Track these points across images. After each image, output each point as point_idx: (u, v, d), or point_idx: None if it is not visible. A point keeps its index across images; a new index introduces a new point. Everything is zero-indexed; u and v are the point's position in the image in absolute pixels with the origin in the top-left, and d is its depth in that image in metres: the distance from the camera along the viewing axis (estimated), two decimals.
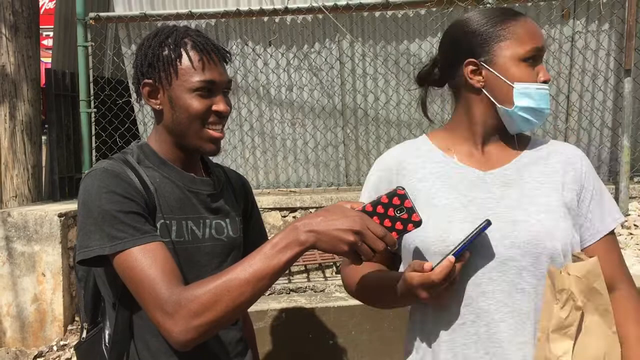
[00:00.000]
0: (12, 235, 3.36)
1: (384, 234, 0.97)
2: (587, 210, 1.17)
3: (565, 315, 1.05)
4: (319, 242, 0.97)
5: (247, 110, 4.52)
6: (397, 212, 1.01)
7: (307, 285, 2.90)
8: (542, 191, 1.14)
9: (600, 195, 1.19)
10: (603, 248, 1.17)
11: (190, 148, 1.23)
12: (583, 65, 4.31)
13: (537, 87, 1.16)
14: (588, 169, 1.19)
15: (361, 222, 0.97)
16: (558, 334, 1.05)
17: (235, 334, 1.31)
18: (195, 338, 1.01)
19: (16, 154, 4.14)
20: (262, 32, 4.39)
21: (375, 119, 4.46)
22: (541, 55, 1.19)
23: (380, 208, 1.01)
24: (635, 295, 1.17)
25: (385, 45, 4.36)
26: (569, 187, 1.16)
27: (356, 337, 2.51)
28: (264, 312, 2.50)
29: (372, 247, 0.96)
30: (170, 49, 1.18)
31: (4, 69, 4.12)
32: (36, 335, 3.35)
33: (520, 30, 1.17)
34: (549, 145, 1.23)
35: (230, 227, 1.31)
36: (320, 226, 0.97)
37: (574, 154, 1.20)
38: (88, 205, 1.09)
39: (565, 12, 4.23)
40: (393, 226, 1.01)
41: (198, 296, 0.99)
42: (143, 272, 1.04)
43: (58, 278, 3.32)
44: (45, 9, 9.90)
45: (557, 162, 1.18)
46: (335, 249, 0.97)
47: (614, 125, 4.37)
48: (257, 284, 0.98)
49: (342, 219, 0.97)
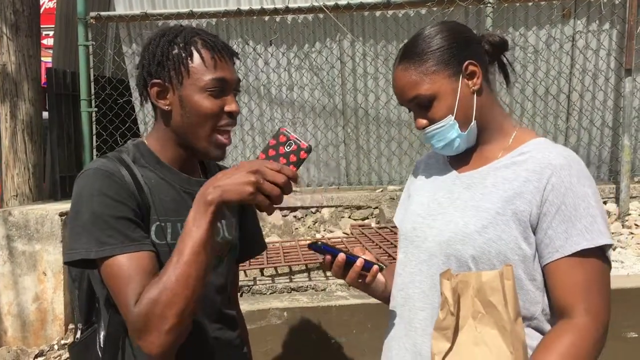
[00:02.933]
0: (13, 234, 3.36)
1: (280, 167, 0.99)
2: (547, 226, 1.08)
3: (443, 317, 1.07)
4: (224, 194, 0.98)
5: (247, 109, 4.52)
6: (287, 148, 1.05)
7: (308, 284, 2.90)
8: (491, 196, 1.14)
9: (573, 212, 1.07)
10: (562, 269, 1.07)
11: (196, 151, 1.21)
12: (584, 65, 4.31)
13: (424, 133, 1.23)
14: (559, 181, 1.09)
15: (258, 163, 0.99)
16: (438, 333, 1.08)
17: (231, 333, 1.31)
18: (174, 339, 1.00)
19: (17, 153, 4.14)
20: (263, 31, 4.40)
21: (376, 118, 4.47)
22: (413, 103, 1.21)
23: (272, 151, 1.06)
24: (583, 329, 1.05)
25: (386, 44, 4.36)
26: (525, 197, 1.10)
27: (358, 336, 2.51)
28: (265, 310, 2.50)
29: (274, 180, 0.98)
30: (181, 48, 1.16)
31: (5, 68, 4.12)
32: (37, 334, 3.35)
33: None
34: (535, 150, 1.16)
35: (226, 228, 1.29)
36: (221, 181, 1.00)
37: (549, 164, 1.11)
38: (79, 206, 1.08)
39: (566, 11, 4.23)
40: (288, 161, 1.05)
41: (156, 299, 0.98)
42: (121, 285, 1.03)
43: (59, 277, 3.32)
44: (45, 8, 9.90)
45: (525, 170, 1.13)
46: (241, 194, 0.97)
47: (615, 125, 4.37)
48: (196, 259, 0.99)
49: (239, 168, 1.00)
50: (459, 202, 1.19)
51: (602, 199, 4.08)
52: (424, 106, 1.18)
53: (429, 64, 1.16)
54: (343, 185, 4.58)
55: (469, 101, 1.18)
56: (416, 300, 1.20)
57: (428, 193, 1.29)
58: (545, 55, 4.32)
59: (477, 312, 1.05)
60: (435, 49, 1.17)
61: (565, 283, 1.07)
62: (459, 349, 1.06)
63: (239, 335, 1.35)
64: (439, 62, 1.16)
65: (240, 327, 1.40)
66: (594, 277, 1.07)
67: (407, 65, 1.18)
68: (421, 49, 1.18)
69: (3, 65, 4.12)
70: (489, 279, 1.03)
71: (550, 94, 4.36)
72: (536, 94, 4.38)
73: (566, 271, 1.07)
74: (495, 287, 1.03)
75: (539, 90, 4.38)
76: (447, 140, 1.19)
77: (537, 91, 4.38)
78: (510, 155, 1.18)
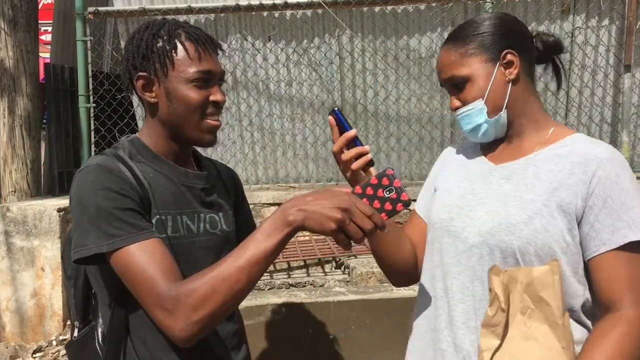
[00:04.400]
0: (11, 230, 3.36)
1: (371, 213, 0.97)
2: (594, 219, 1.08)
3: (492, 313, 1.07)
4: (307, 220, 0.96)
5: (246, 105, 4.51)
6: (386, 193, 1.02)
7: (306, 280, 2.91)
8: (534, 188, 1.13)
9: (619, 205, 1.07)
10: (609, 262, 1.07)
11: (188, 140, 1.22)
12: (583, 61, 4.31)
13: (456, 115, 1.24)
14: (605, 174, 1.09)
15: (349, 200, 0.97)
16: (487, 329, 1.08)
17: (231, 327, 1.31)
18: (197, 332, 1.01)
19: (15, 148, 4.13)
20: (261, 27, 4.38)
21: (375, 114, 4.46)
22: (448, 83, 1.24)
23: (370, 190, 1.03)
24: (634, 321, 1.05)
25: (384, 40, 4.35)
26: (571, 188, 1.10)
27: (356, 332, 2.51)
28: (263, 306, 2.51)
29: (360, 225, 0.95)
30: (165, 41, 1.17)
31: (3, 63, 4.11)
32: (35, 330, 3.36)
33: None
34: (578, 143, 1.17)
35: (224, 220, 1.30)
36: (308, 205, 0.97)
37: (594, 157, 1.11)
38: (83, 202, 1.08)
39: (565, 7, 4.22)
40: (382, 207, 1.02)
41: (195, 289, 0.99)
42: (141, 270, 1.03)
43: (57, 273, 3.32)
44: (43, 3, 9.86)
45: (569, 162, 1.13)
46: (323, 227, 0.96)
47: (613, 121, 4.37)
48: (251, 269, 0.98)
49: (331, 198, 0.97)
50: (498, 193, 1.18)
51: None
52: (459, 87, 1.21)
53: (469, 47, 1.20)
54: (342, 181, 4.58)
55: (502, 89, 1.20)
56: (455, 292, 1.18)
57: (463, 183, 1.27)
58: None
59: (526, 307, 1.05)
60: (478, 34, 1.21)
61: (612, 276, 1.07)
62: (508, 345, 1.06)
63: (237, 329, 1.35)
64: (479, 46, 1.20)
65: (238, 322, 1.41)
66: (635, 269, 1.07)
67: (450, 47, 1.22)
68: (466, 33, 1.22)
69: (1, 60, 4.10)
70: (540, 274, 1.04)
71: (549, 90, 4.36)
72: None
73: (613, 264, 1.07)
74: (546, 282, 1.04)
75: (537, 86, 4.36)
76: (474, 125, 1.21)
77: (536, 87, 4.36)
78: (551, 147, 1.18)
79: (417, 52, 4.30)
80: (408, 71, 4.30)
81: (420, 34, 4.30)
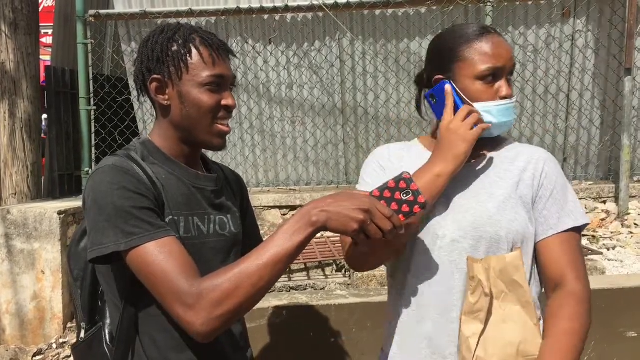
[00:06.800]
0: (11, 232, 3.35)
1: (391, 214, 1.01)
2: (543, 207, 1.24)
3: (474, 300, 1.16)
4: (329, 221, 1.01)
5: (247, 108, 4.51)
6: (404, 195, 1.06)
7: (307, 283, 2.91)
8: (499, 185, 1.25)
9: (562, 196, 1.25)
10: (556, 245, 1.23)
11: (198, 143, 1.24)
12: (583, 64, 4.31)
13: (495, 104, 1.23)
14: (550, 170, 1.27)
15: (370, 202, 1.02)
16: (469, 317, 1.17)
17: (239, 327, 1.33)
18: (218, 327, 1.02)
19: (16, 151, 4.13)
20: (262, 30, 4.39)
21: (375, 117, 4.46)
22: (502, 72, 1.24)
23: (387, 192, 1.07)
24: (579, 295, 1.19)
25: (385, 43, 4.36)
26: (526, 183, 1.25)
27: (357, 335, 2.50)
28: (264, 309, 2.50)
29: (380, 226, 1.00)
30: (180, 45, 1.19)
31: (4, 66, 4.11)
32: (35, 332, 3.35)
33: (480, 50, 1.22)
34: (520, 147, 1.33)
35: (232, 222, 1.32)
36: (330, 206, 1.01)
37: (539, 156, 1.29)
38: (100, 202, 1.08)
39: (565, 10, 4.23)
40: (400, 209, 1.06)
41: (218, 285, 1.01)
42: (161, 267, 1.04)
43: (57, 275, 3.31)
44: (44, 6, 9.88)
45: (521, 162, 1.28)
46: (345, 227, 1.00)
47: (614, 124, 4.37)
48: (274, 267, 1.01)
49: (352, 200, 1.02)
50: (467, 191, 1.26)
51: (601, 198, 4.11)
52: (508, 79, 1.26)
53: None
54: (342, 184, 4.58)
55: None
56: (438, 285, 1.24)
57: None
58: (544, 55, 4.32)
59: (500, 292, 1.16)
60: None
61: (558, 255, 1.22)
62: (490, 328, 1.16)
63: (243, 331, 1.36)
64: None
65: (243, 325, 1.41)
66: (577, 250, 1.25)
67: (502, 39, 1.25)
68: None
69: (2, 63, 4.10)
70: (512, 259, 1.16)
71: (550, 93, 4.36)
72: (535, 93, 4.38)
73: (558, 246, 1.23)
74: (517, 265, 1.16)
75: (538, 89, 4.38)
76: (512, 117, 1.27)
77: (537, 90, 4.37)
78: (500, 151, 1.31)
79: (418, 55, 4.30)
80: (409, 74, 4.30)
81: (421, 37, 4.30)
